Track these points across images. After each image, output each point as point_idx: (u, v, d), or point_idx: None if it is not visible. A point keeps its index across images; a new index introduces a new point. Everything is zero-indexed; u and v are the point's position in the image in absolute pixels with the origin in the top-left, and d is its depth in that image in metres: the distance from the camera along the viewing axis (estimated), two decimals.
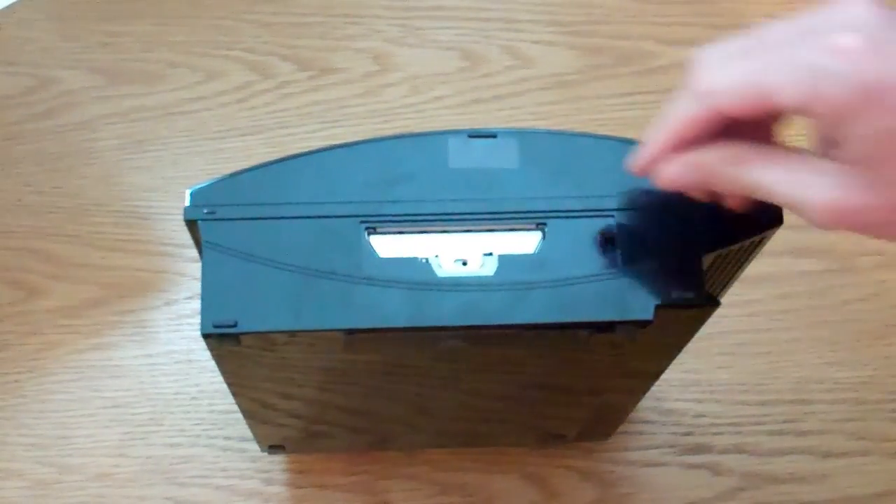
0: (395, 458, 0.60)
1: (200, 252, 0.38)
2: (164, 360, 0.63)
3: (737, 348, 0.64)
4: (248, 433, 0.54)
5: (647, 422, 0.62)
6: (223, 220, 0.38)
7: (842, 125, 0.30)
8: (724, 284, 0.46)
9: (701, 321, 0.40)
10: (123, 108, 0.72)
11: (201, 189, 0.38)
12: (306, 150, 0.40)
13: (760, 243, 0.41)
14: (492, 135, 0.40)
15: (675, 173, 0.35)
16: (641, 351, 0.43)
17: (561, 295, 0.37)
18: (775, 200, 0.33)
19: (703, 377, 0.63)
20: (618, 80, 0.75)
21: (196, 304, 0.64)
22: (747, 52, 0.32)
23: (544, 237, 0.38)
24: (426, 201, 0.38)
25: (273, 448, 0.57)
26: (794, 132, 0.36)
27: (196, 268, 0.63)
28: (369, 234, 0.38)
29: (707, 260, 0.39)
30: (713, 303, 0.38)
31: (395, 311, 0.37)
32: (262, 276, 0.37)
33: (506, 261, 0.37)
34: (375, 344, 0.39)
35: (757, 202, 0.35)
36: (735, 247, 0.40)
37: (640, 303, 0.37)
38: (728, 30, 0.33)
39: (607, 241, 0.38)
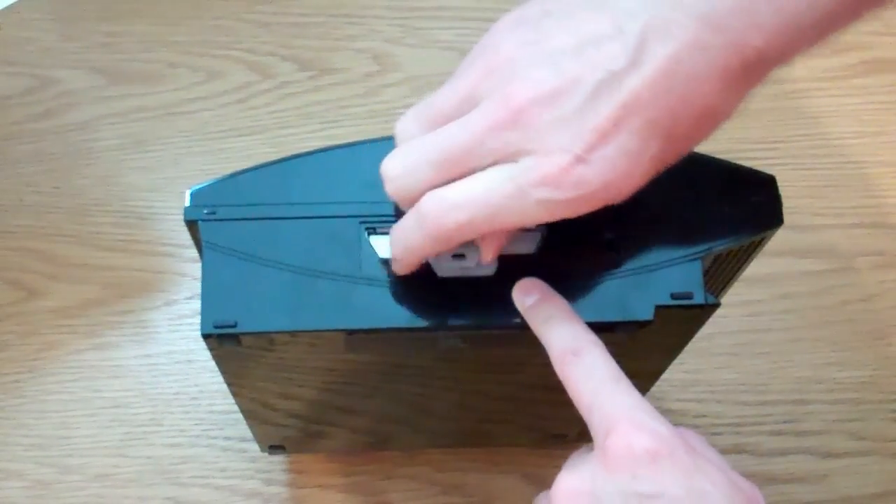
0: (395, 458, 0.60)
1: (200, 252, 0.38)
2: (164, 360, 0.63)
3: (737, 348, 0.64)
4: (248, 433, 0.54)
5: None
6: (223, 220, 0.38)
7: None
8: (724, 284, 0.46)
9: (701, 321, 0.40)
10: (123, 108, 0.72)
11: (201, 189, 0.38)
12: (306, 150, 0.40)
13: (760, 243, 0.41)
14: None
15: None
16: (641, 351, 0.43)
17: (561, 295, 0.37)
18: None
19: (703, 377, 0.63)
20: None
21: (196, 304, 0.63)
22: (456, 163, 0.33)
23: (544, 237, 0.38)
24: None
25: (273, 448, 0.57)
26: None
27: (196, 268, 0.63)
28: (369, 234, 0.38)
29: (707, 260, 0.39)
30: (713, 303, 0.38)
31: (395, 312, 0.37)
32: (262, 276, 0.37)
33: (506, 261, 0.37)
34: (375, 344, 0.39)
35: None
36: (735, 247, 0.40)
37: (640, 303, 0.37)
38: None
39: (607, 242, 0.38)
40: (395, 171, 0.35)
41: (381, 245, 0.38)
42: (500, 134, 0.32)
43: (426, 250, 0.35)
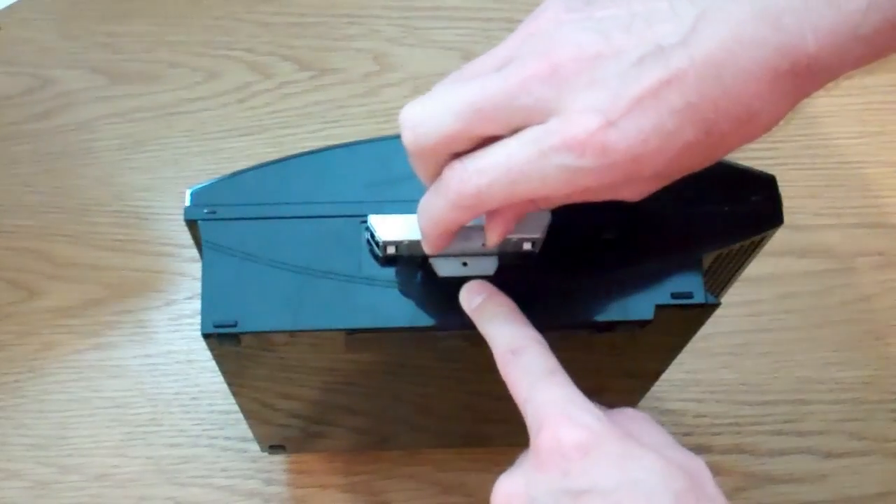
0: (395, 458, 0.60)
1: (200, 252, 0.38)
2: (164, 360, 0.63)
3: (737, 348, 0.64)
4: (249, 433, 0.54)
5: None
6: (223, 220, 0.38)
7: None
8: (724, 284, 0.46)
9: (701, 321, 0.40)
10: (123, 108, 0.72)
11: (201, 189, 0.38)
12: (306, 150, 0.40)
13: (760, 243, 0.41)
14: None
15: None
16: (641, 351, 0.43)
17: (561, 295, 0.37)
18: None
19: (703, 377, 0.63)
20: None
21: (196, 304, 0.63)
22: (481, 115, 0.31)
23: (544, 237, 0.38)
24: None
25: (273, 448, 0.57)
26: None
27: (196, 268, 0.63)
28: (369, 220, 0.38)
29: (707, 260, 0.39)
30: (713, 303, 0.38)
31: (395, 311, 0.37)
32: (262, 276, 0.37)
33: (506, 261, 0.37)
34: (375, 344, 0.39)
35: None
36: (735, 247, 0.40)
37: (640, 303, 0.37)
38: None
39: (607, 242, 0.38)
40: (415, 117, 0.32)
41: (383, 226, 0.37)
42: (533, 88, 0.30)
43: (448, 220, 0.33)
